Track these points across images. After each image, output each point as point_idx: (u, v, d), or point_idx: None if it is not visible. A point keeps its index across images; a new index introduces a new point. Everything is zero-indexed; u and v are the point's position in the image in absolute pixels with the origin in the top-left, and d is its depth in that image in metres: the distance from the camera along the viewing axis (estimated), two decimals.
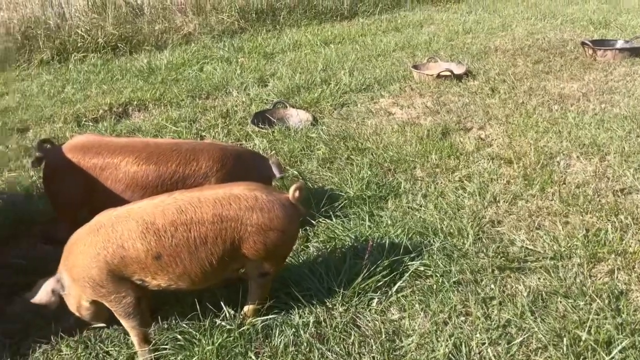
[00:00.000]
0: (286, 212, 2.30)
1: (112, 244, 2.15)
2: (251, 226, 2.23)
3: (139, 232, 2.14)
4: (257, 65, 6.44)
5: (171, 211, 2.18)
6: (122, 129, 4.70)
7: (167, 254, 2.16)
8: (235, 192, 2.26)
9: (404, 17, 8.83)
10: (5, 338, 2.42)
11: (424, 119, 4.81)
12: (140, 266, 2.17)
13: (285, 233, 2.30)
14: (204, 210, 2.20)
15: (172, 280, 2.23)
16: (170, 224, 2.16)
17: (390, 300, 2.62)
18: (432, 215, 3.26)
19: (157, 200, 2.25)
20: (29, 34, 6.79)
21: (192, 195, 2.25)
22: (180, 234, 2.16)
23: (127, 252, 2.15)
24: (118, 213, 2.22)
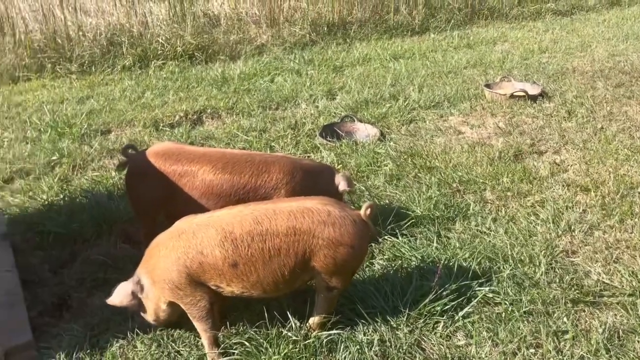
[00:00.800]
0: (357, 228, 2.32)
1: (192, 250, 2.25)
2: (322, 240, 2.27)
3: (217, 240, 2.23)
4: (327, 78, 6.52)
5: (248, 222, 2.25)
6: (197, 136, 4.89)
7: (242, 263, 2.24)
8: (308, 206, 2.32)
9: (476, 33, 8.68)
10: (86, 330, 2.57)
11: (495, 139, 4.71)
12: (216, 272, 2.26)
13: (354, 249, 2.32)
14: (279, 222, 2.26)
15: (245, 288, 2.31)
16: (247, 234, 2.23)
17: (456, 325, 2.58)
18: (502, 240, 3.19)
19: (235, 210, 2.33)
20: (114, 41, 7.20)
21: (267, 207, 2.32)
22: (256, 244, 2.23)
23: (205, 259, 2.24)
24: (198, 220, 2.32)
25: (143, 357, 2.43)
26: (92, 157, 4.41)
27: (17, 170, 4.15)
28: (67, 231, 3.29)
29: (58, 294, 2.86)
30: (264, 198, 2.85)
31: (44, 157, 4.33)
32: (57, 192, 3.81)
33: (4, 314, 2.56)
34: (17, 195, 3.83)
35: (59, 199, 3.71)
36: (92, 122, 5.12)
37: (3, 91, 6.13)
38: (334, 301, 2.48)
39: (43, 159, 4.30)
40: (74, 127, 4.88)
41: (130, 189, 3.01)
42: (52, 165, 4.26)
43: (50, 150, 4.44)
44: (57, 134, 4.78)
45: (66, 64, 6.75)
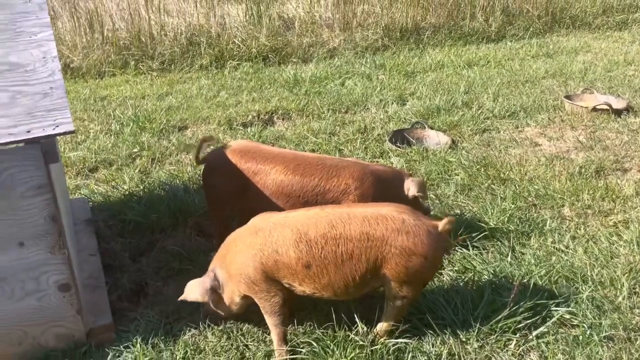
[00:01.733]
0: (432, 239, 2.29)
1: (268, 248, 2.30)
2: (395, 248, 2.26)
3: (292, 240, 2.27)
4: (398, 83, 6.48)
5: (323, 224, 2.28)
6: (268, 136, 4.99)
7: (315, 264, 2.27)
8: (383, 213, 2.30)
9: (556, 42, 8.33)
10: (161, 317, 2.67)
11: (575, 154, 4.51)
12: (290, 272, 2.30)
13: (427, 260, 2.29)
14: (353, 227, 2.27)
15: (316, 289, 2.33)
16: (321, 237, 2.26)
17: (529, 345, 2.49)
18: (581, 260, 3.04)
19: (311, 212, 2.37)
20: (193, 41, 7.48)
21: (342, 212, 2.33)
22: (330, 247, 2.25)
23: (280, 257, 2.29)
24: (275, 220, 2.37)
25: (213, 348, 2.50)
26: (170, 151, 4.60)
27: (102, 161, 4.39)
28: (146, 220, 3.45)
29: (136, 280, 3.00)
30: (332, 202, 2.87)
31: (125, 149, 4.55)
32: (137, 183, 4.00)
33: (87, 296, 2.72)
34: (101, 184, 4.05)
35: (139, 189, 3.90)
36: (171, 118, 5.34)
37: (90, 85, 6.52)
38: (404, 310, 2.45)
39: (125, 151, 4.53)
40: (154, 122, 5.11)
41: (206, 183, 3.11)
42: (133, 157, 4.48)
43: (131, 143, 4.67)
44: (138, 128, 5.02)
45: (148, 61, 7.08)
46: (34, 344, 2.44)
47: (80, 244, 3.16)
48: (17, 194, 2.15)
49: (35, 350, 2.44)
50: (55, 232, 2.26)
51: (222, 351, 2.49)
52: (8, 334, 2.38)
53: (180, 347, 2.50)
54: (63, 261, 2.32)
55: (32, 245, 2.25)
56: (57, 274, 2.33)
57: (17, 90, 2.25)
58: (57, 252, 2.29)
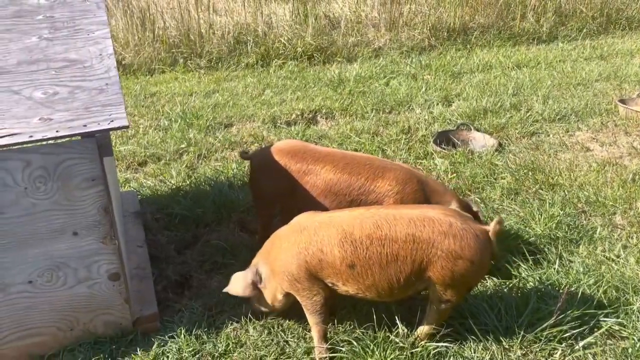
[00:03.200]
0: (479, 243, 2.25)
1: (312, 246, 2.32)
2: (442, 251, 2.23)
3: (337, 239, 2.28)
4: (443, 84, 6.38)
5: (368, 225, 2.28)
6: (311, 135, 5.01)
7: (360, 265, 2.27)
8: (430, 215, 2.28)
9: (611, 44, 8.02)
10: (204, 310, 2.74)
11: (628, 160, 4.33)
12: (334, 271, 2.31)
13: (474, 264, 2.25)
14: (399, 228, 2.26)
15: (360, 289, 2.33)
16: (366, 237, 2.26)
17: (576, 355, 2.42)
18: (633, 270, 2.93)
19: (356, 212, 2.37)
20: (240, 39, 7.59)
21: (388, 212, 2.33)
22: (375, 248, 2.25)
23: (324, 256, 2.30)
24: (320, 219, 2.39)
25: (254, 342, 2.54)
26: (216, 147, 4.69)
27: (151, 155, 4.52)
28: (191, 215, 3.53)
29: (181, 272, 3.08)
30: (374, 202, 2.86)
31: (173, 145, 4.68)
32: (184, 177, 4.10)
33: (135, 285, 2.81)
34: (149, 177, 4.18)
35: (186, 184, 4.00)
36: (217, 115, 5.44)
37: (141, 81, 6.72)
38: (446, 314, 2.43)
39: (173, 146, 4.65)
40: (201, 119, 5.23)
41: (253, 182, 3.15)
42: (180, 152, 4.59)
43: (179, 139, 4.79)
44: (185, 124, 5.15)
45: (196, 59, 7.24)
46: (84, 330, 2.55)
47: (128, 235, 3.27)
48: (73, 185, 2.25)
49: (85, 336, 2.55)
50: (107, 223, 2.35)
51: (262, 346, 2.53)
52: (61, 319, 2.49)
53: (222, 340, 2.55)
54: (114, 251, 2.41)
55: (86, 235, 2.35)
56: (107, 264, 2.42)
57: (75, 85, 2.35)
58: (108, 243, 2.38)
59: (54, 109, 2.21)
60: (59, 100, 2.26)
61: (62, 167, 2.21)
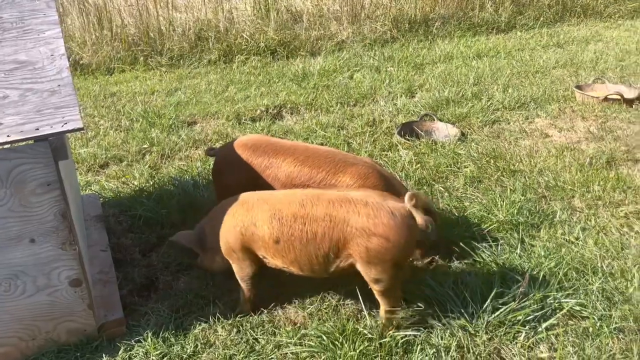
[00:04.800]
0: (394, 220, 2.33)
1: (247, 220, 2.51)
2: (356, 229, 2.34)
3: (268, 216, 2.46)
4: (406, 75, 6.44)
5: (295, 204, 2.44)
6: (276, 130, 4.99)
7: (283, 240, 2.44)
8: (349, 196, 2.42)
9: (567, 32, 8.22)
10: (171, 312, 2.70)
11: (585, 144, 4.46)
12: (263, 245, 2.50)
13: (389, 241, 2.32)
14: (319, 208, 2.40)
15: (285, 263, 2.52)
16: (291, 215, 2.43)
17: (539, 337, 2.48)
18: (592, 251, 3.02)
19: (291, 192, 2.58)
20: (201, 36, 7.50)
21: (314, 193, 2.49)
22: (297, 226, 2.41)
23: (256, 230, 2.48)
24: (259, 196, 2.59)
25: (223, 341, 2.52)
26: (180, 146, 4.62)
27: (112, 157, 4.43)
28: (156, 216, 3.47)
29: (146, 275, 3.03)
30: None
31: (135, 145, 4.59)
32: (147, 178, 4.03)
33: (98, 291, 2.75)
34: (111, 180, 4.09)
35: (149, 185, 3.93)
36: (180, 113, 5.37)
37: (100, 81, 6.57)
38: (391, 294, 2.47)
39: (135, 147, 4.57)
40: (163, 118, 5.14)
41: (216, 176, 3.12)
42: (142, 153, 4.51)
43: (141, 139, 4.70)
44: (148, 124, 5.05)
45: (157, 57, 7.12)
46: (47, 339, 2.48)
47: (91, 240, 3.20)
48: (28, 191, 2.18)
49: (48, 345, 2.48)
50: (66, 229, 2.29)
51: (231, 345, 2.51)
52: (23, 329, 2.42)
53: (190, 341, 2.52)
54: (74, 257, 2.35)
55: (43, 241, 2.28)
56: (68, 270, 2.36)
57: (26, 87, 2.27)
58: (67, 248, 2.32)
59: (4, 113, 2.13)
60: (9, 104, 2.18)
61: (15, 172, 2.14)
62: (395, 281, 2.44)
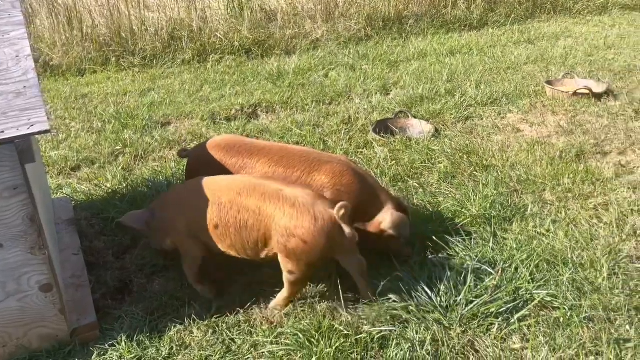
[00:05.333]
0: (316, 226, 2.40)
1: (193, 206, 2.61)
2: (279, 226, 2.44)
3: (210, 202, 2.55)
4: (381, 73, 6.48)
5: (234, 192, 2.51)
6: (252, 129, 4.97)
7: (221, 226, 2.55)
8: (283, 192, 2.48)
9: (538, 28, 8.37)
10: (146, 314, 2.67)
11: (556, 138, 4.55)
12: (205, 230, 2.59)
13: (307, 244, 2.41)
14: (252, 199, 2.50)
15: (224, 248, 2.63)
16: (229, 202, 2.52)
17: (512, 328, 2.52)
18: (562, 243, 3.08)
19: (238, 178, 2.65)
20: (174, 35, 7.41)
21: (252, 182, 2.56)
22: (232, 213, 2.52)
23: (200, 216, 2.57)
24: (207, 182, 2.65)
25: (199, 342, 2.51)
26: (153, 147, 4.57)
27: (84, 159, 4.35)
28: None
29: (120, 278, 2.99)
30: None
31: (108, 147, 4.52)
32: (120, 180, 3.97)
33: (71, 295, 2.71)
34: (83, 182, 4.02)
35: (122, 187, 3.88)
36: (153, 114, 5.30)
37: (71, 83, 6.45)
38: (296, 284, 2.59)
39: (107, 148, 4.50)
40: (137, 119, 5.08)
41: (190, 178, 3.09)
42: (115, 154, 4.45)
43: (114, 141, 4.64)
44: (120, 125, 4.98)
45: (129, 57, 7.02)
46: (18, 346, 2.43)
47: (62, 244, 3.15)
48: None
49: (19, 351, 2.44)
50: (35, 233, 2.24)
51: (207, 346, 2.49)
52: None
53: (165, 343, 2.50)
54: (44, 261, 2.31)
55: (12, 246, 2.23)
56: (38, 275, 2.32)
57: None
58: (37, 253, 2.28)
59: None
60: None
61: None
62: (305, 276, 2.56)
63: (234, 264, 2.85)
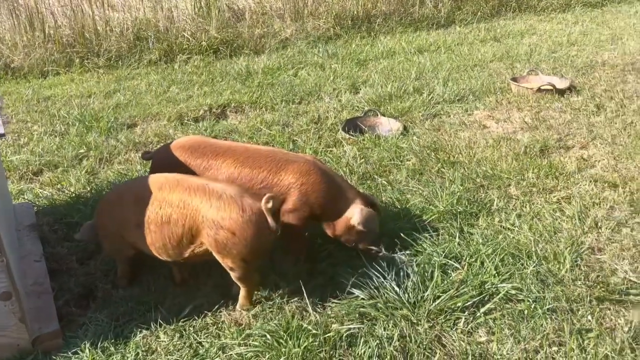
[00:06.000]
0: (244, 217, 2.39)
1: (120, 207, 2.61)
2: (206, 219, 2.41)
3: (133, 200, 2.55)
4: (350, 72, 6.49)
5: (155, 187, 2.50)
6: (220, 130, 4.93)
7: (143, 224, 2.51)
8: (208, 186, 2.47)
9: (503, 26, 8.51)
10: (110, 320, 2.62)
11: (521, 134, 4.63)
12: (129, 230, 2.58)
13: (236, 236, 2.40)
14: (176, 193, 2.47)
15: (145, 247, 2.58)
16: (150, 199, 2.49)
17: (477, 322, 2.56)
18: (527, 236, 3.14)
19: (156, 176, 2.62)
20: (140, 35, 7.30)
21: (175, 178, 2.57)
22: (154, 209, 2.48)
23: (125, 216, 2.58)
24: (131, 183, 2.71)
25: (166, 347, 2.47)
26: (119, 150, 4.49)
27: (46, 163, 4.25)
28: None
29: (84, 284, 2.92)
30: None
31: (71, 151, 4.42)
32: (84, 184, 3.89)
33: (32, 303, 2.63)
34: (45, 187, 3.92)
35: (86, 191, 3.79)
36: (119, 115, 5.21)
37: (33, 85, 6.28)
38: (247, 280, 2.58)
39: (71, 152, 4.40)
40: (101, 121, 4.98)
41: None
42: (79, 158, 4.35)
43: (78, 144, 4.54)
44: (84, 128, 4.88)
45: (94, 58, 6.88)
46: None
47: (24, 250, 3.06)
48: None
49: None
50: None
51: (174, 350, 2.46)
52: None
53: (131, 349, 2.45)
54: (2, 269, 2.24)
55: None
56: None
57: None
58: None
59: None
60: None
61: None
62: (247, 270, 2.55)
63: (203, 266, 2.82)
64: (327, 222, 2.95)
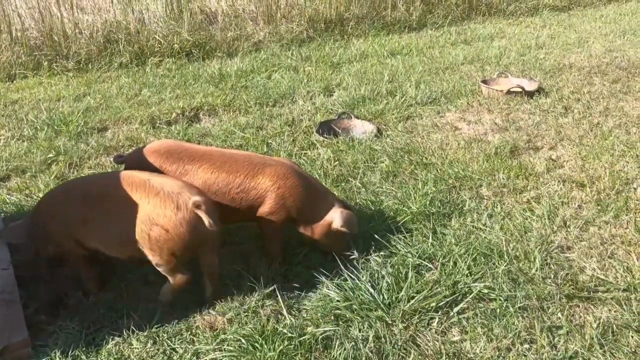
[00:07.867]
0: (178, 215, 2.42)
1: (66, 206, 2.58)
2: (142, 214, 2.44)
3: (80, 198, 2.55)
4: (324, 74, 6.51)
5: (102, 184, 2.54)
6: (193, 133, 4.88)
7: (89, 221, 2.52)
8: (150, 182, 2.49)
9: (474, 29, 8.66)
10: (81, 328, 2.57)
11: (491, 135, 4.72)
12: (76, 228, 2.56)
13: (169, 233, 2.42)
14: (119, 189, 2.48)
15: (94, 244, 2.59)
16: (97, 195, 2.52)
17: (451, 321, 2.59)
18: (498, 236, 3.19)
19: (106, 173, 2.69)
20: (110, 38, 7.18)
21: (123, 174, 2.57)
22: (98, 205, 2.50)
23: (72, 214, 2.56)
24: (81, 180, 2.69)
25: (139, 354, 2.44)
26: (89, 154, 4.41)
27: (14, 169, 4.14)
28: None
29: (54, 291, 2.86)
30: (256, 199, 2.85)
31: (40, 155, 4.32)
32: None
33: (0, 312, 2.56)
34: (13, 193, 3.83)
35: None
36: (89, 119, 5.11)
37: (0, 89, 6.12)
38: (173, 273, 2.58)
39: (39, 157, 4.30)
40: (71, 125, 4.88)
41: None
42: (48, 163, 4.26)
43: (46, 148, 4.44)
44: (53, 132, 4.78)
45: (63, 61, 6.74)
46: None
47: None
48: None
49: None
50: None
51: (148, 357, 2.43)
52: None
53: (103, 357, 2.41)
54: None
55: None
56: None
57: None
58: None
59: None
60: None
61: None
62: (175, 266, 2.56)
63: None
64: (304, 226, 2.95)
